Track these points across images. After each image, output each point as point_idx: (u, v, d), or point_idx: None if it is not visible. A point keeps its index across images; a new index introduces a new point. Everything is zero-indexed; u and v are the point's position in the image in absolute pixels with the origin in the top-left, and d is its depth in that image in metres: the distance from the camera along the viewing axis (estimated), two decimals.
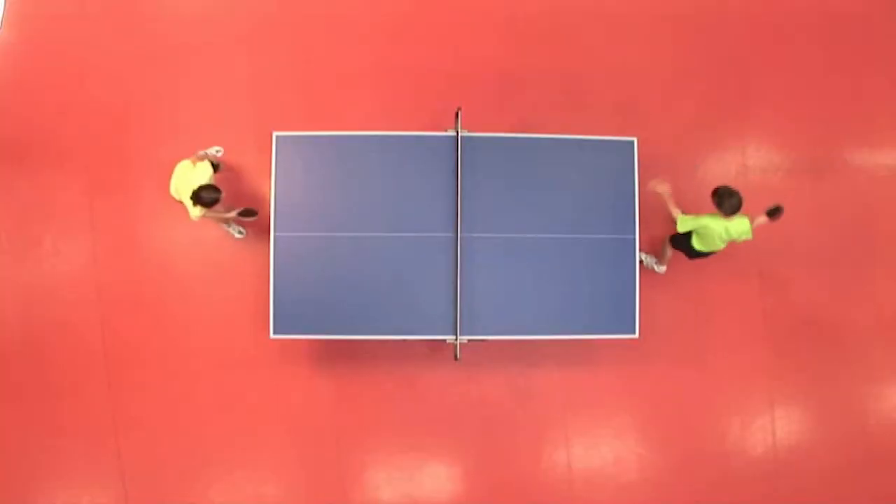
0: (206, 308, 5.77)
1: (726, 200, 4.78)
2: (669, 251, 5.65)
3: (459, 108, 5.23)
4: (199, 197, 4.83)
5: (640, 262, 5.84)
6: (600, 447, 5.83)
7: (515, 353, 5.82)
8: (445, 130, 5.24)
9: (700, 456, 5.85)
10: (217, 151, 5.76)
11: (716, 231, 4.96)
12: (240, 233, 5.78)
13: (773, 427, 5.91)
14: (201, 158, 5.11)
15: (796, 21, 6.22)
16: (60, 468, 5.66)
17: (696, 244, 5.18)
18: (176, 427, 5.70)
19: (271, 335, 5.09)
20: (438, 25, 6.07)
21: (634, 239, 5.20)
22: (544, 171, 5.18)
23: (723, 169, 6.05)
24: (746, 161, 6.07)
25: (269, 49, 5.99)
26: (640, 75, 6.08)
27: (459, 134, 5.16)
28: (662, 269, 5.86)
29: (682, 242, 5.34)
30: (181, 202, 5.12)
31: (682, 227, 5.03)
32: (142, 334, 5.74)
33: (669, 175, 5.98)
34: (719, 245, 5.11)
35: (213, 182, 5.02)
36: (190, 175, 5.03)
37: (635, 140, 5.27)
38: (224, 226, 5.71)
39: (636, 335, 5.19)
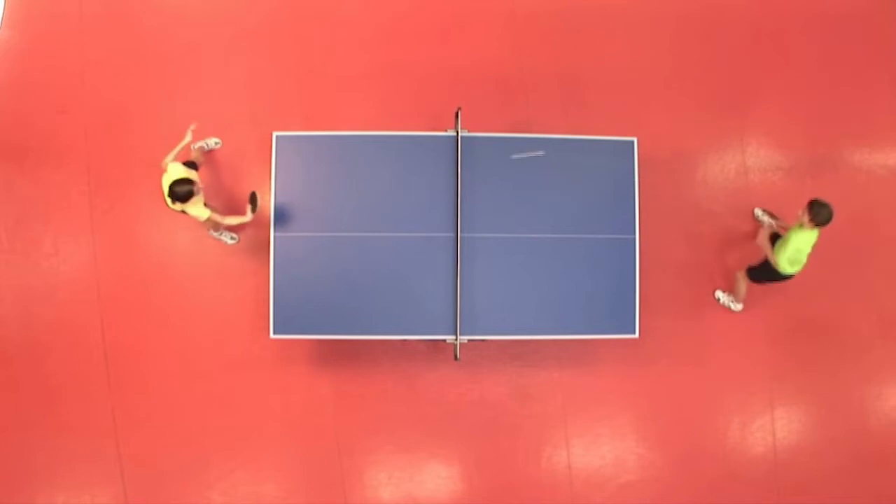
0: (206, 308, 5.77)
1: (823, 211, 4.77)
2: (745, 286, 5.63)
3: (459, 108, 5.23)
4: (173, 194, 4.76)
5: (717, 300, 5.88)
6: (600, 447, 5.83)
7: (515, 353, 5.82)
8: (445, 130, 5.24)
9: (700, 456, 5.85)
10: (216, 144, 5.76)
11: (806, 244, 4.96)
12: (232, 238, 5.76)
13: (773, 427, 5.91)
14: (176, 159, 5.02)
15: (796, 21, 6.22)
16: (60, 468, 5.66)
17: (788, 267, 5.07)
18: (176, 427, 5.70)
19: (271, 335, 5.09)
20: (438, 25, 6.07)
21: (634, 239, 5.20)
22: (544, 171, 5.18)
23: (723, 169, 6.05)
24: (746, 161, 6.07)
25: (269, 49, 5.99)
26: (640, 75, 6.07)
27: (459, 134, 5.16)
28: (739, 306, 5.83)
29: (764, 273, 5.32)
30: (184, 212, 5.07)
31: (783, 260, 4.99)
32: (142, 334, 5.74)
33: (670, 175, 5.99)
34: (804, 261, 5.09)
35: (191, 174, 4.94)
36: (166, 181, 4.96)
37: (635, 140, 5.27)
38: (215, 234, 5.69)
39: (636, 335, 5.19)
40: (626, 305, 5.18)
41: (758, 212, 5.95)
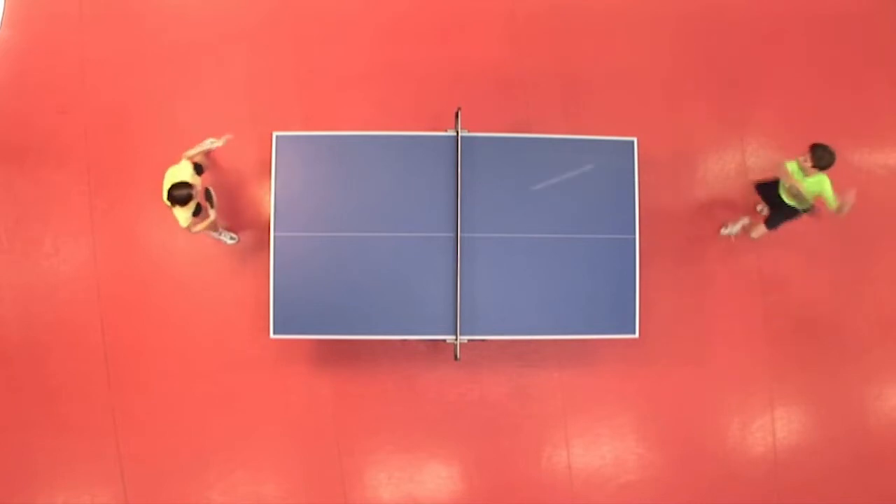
0: (205, 308, 5.76)
1: (826, 154, 4.87)
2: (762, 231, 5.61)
3: (459, 108, 5.23)
4: (171, 196, 4.79)
5: (731, 235, 5.87)
6: (600, 447, 5.83)
7: (515, 353, 5.82)
8: (445, 130, 5.24)
9: (700, 456, 5.85)
10: (212, 143, 5.75)
11: (812, 186, 5.01)
12: (231, 238, 5.76)
13: (773, 427, 5.91)
14: (192, 158, 5.08)
15: (796, 21, 6.22)
16: (60, 468, 5.66)
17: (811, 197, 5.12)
18: (176, 427, 5.70)
19: (271, 335, 5.09)
20: (438, 25, 6.07)
21: (634, 239, 5.20)
22: (544, 171, 5.18)
23: (723, 168, 6.05)
24: (746, 161, 6.07)
25: (269, 49, 5.99)
26: (640, 75, 6.07)
27: (459, 134, 5.16)
28: (744, 221, 5.77)
29: (779, 215, 5.37)
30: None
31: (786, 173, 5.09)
32: (142, 334, 5.74)
33: (670, 175, 5.99)
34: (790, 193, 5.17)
35: (195, 181, 4.98)
36: (170, 178, 4.97)
37: (635, 140, 5.27)
38: (214, 234, 5.69)
39: (636, 335, 5.19)
40: (626, 305, 5.18)
41: (760, 207, 5.96)
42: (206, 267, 5.80)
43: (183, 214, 4.95)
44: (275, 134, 5.16)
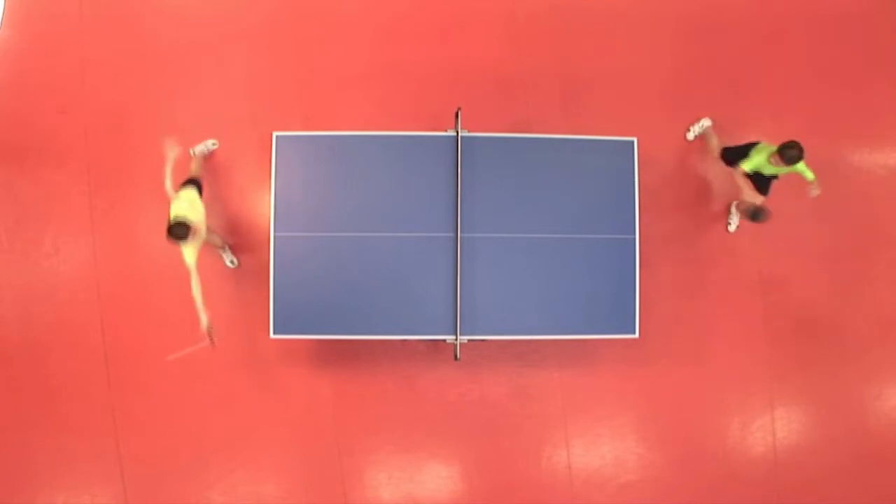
0: (206, 308, 5.75)
1: (793, 151, 4.93)
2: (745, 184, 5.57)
3: (459, 108, 5.23)
4: (170, 232, 4.62)
5: (738, 225, 5.89)
6: (600, 447, 5.83)
7: (515, 353, 5.82)
8: (445, 130, 5.24)
9: (700, 456, 5.86)
10: (213, 145, 5.75)
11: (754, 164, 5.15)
12: (231, 262, 5.74)
13: (773, 427, 5.91)
14: (177, 188, 4.95)
15: (796, 21, 6.22)
16: (60, 468, 5.67)
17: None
18: (176, 427, 5.70)
19: (271, 335, 5.09)
20: (438, 25, 6.07)
21: (634, 239, 5.20)
22: (544, 171, 5.18)
23: (723, 168, 6.03)
24: None
25: (269, 49, 5.98)
26: (640, 75, 6.07)
27: (459, 134, 5.15)
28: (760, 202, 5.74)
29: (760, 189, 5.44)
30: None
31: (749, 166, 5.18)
32: (142, 334, 5.74)
33: (670, 175, 5.99)
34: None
35: (196, 207, 4.89)
36: (174, 209, 4.81)
37: (635, 140, 5.27)
38: (219, 249, 5.69)
39: (636, 335, 5.19)
40: (626, 305, 5.18)
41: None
42: (206, 267, 5.77)
43: (187, 252, 4.79)
44: (275, 134, 5.16)
